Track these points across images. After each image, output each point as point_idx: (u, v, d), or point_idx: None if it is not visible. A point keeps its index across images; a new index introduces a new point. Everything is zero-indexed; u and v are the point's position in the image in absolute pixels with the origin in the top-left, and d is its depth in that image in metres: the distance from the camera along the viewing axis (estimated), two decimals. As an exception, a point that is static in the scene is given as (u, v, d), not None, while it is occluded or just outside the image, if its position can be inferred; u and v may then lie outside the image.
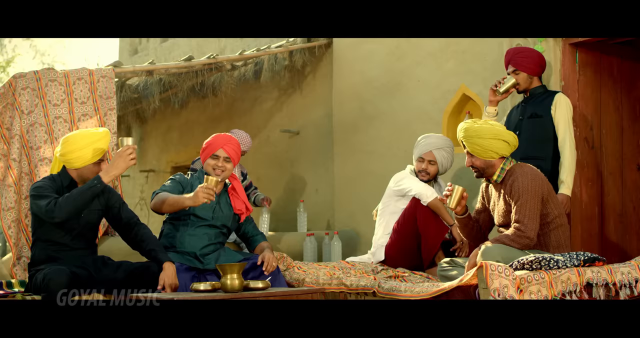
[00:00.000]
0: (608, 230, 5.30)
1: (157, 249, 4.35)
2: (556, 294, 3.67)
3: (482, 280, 3.54)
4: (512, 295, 3.51)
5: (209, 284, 4.00)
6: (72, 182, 4.30)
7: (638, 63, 5.58)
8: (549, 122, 4.90)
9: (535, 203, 4.07)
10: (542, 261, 3.75)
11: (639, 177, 5.52)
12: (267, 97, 8.01)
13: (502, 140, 4.23)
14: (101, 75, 5.72)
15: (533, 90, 5.07)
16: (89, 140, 4.26)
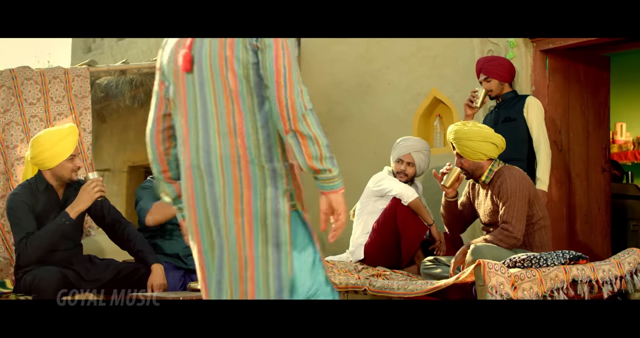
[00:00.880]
0: (575, 230, 5.53)
1: (145, 250, 4.37)
2: (546, 291, 3.84)
3: (479, 277, 3.68)
4: (507, 291, 3.66)
5: (205, 283, 4.05)
6: (48, 187, 4.28)
7: (602, 70, 5.83)
8: (522, 124, 5.10)
9: (523, 205, 4.25)
10: (533, 259, 3.93)
11: (603, 179, 5.77)
12: (231, 98, 8.01)
13: (490, 143, 4.40)
14: (76, 74, 5.70)
15: (504, 96, 5.25)
16: (56, 137, 4.27)
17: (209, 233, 2.51)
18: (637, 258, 4.29)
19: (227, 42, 2.49)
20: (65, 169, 4.25)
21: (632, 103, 8.14)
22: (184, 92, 2.53)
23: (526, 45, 5.56)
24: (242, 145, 2.46)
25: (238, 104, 2.47)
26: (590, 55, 5.73)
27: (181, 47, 2.58)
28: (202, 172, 2.49)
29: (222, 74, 2.47)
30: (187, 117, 2.53)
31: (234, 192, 2.46)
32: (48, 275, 3.92)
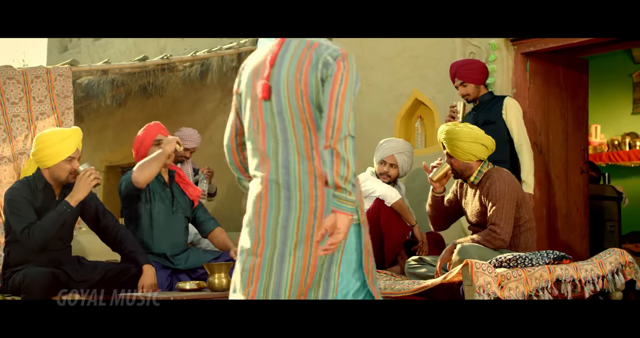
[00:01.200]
0: (555, 230, 5.61)
1: (136, 251, 4.38)
2: (531, 290, 3.91)
3: (467, 277, 3.73)
4: (494, 291, 3.72)
5: (194, 283, 4.07)
6: (47, 185, 4.28)
7: (581, 73, 5.92)
8: (502, 126, 5.15)
9: (511, 208, 4.31)
10: (519, 259, 3.99)
11: (582, 180, 5.86)
12: (210, 98, 8.04)
13: (481, 144, 4.46)
14: (58, 74, 5.68)
15: (482, 98, 5.31)
16: (57, 137, 4.27)
17: (273, 240, 2.72)
18: (618, 258, 4.37)
19: (302, 72, 2.73)
20: (62, 170, 4.25)
21: (607, 105, 8.28)
22: (262, 117, 2.78)
23: (507, 48, 5.64)
24: (318, 166, 2.72)
25: (314, 128, 2.73)
26: (569, 58, 5.82)
27: (260, 78, 2.80)
28: (280, 186, 2.73)
29: (298, 102, 2.73)
30: (265, 138, 2.77)
31: (309, 207, 2.71)
32: (39, 276, 3.91)
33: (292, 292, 2.77)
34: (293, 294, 2.78)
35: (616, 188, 7.09)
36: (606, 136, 8.39)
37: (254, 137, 2.81)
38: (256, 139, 2.80)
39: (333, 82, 2.71)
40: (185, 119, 8.15)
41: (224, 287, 3.97)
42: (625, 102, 8.43)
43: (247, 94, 2.85)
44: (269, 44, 2.92)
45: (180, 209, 4.81)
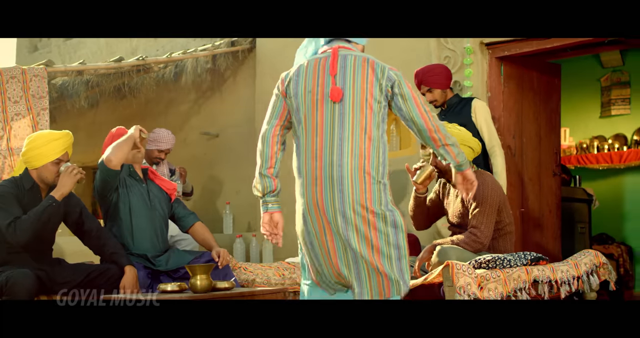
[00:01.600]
0: (528, 232, 5.70)
1: (118, 253, 4.37)
2: (510, 291, 3.98)
3: (447, 278, 3.79)
4: (474, 292, 3.78)
5: (175, 285, 4.07)
6: (34, 185, 4.26)
7: (553, 78, 6.02)
8: (472, 129, 5.15)
9: (492, 212, 4.37)
10: (497, 260, 4.06)
11: (554, 183, 5.96)
12: (184, 99, 8.03)
13: (467, 146, 4.52)
14: (33, 75, 5.65)
15: (449, 102, 5.36)
16: (46, 139, 4.27)
17: (337, 228, 3.20)
18: (593, 259, 4.47)
19: (368, 82, 3.24)
20: (49, 172, 4.23)
21: (576, 109, 8.41)
22: (322, 117, 3.24)
23: (482, 52, 5.72)
24: (367, 165, 3.19)
25: (370, 133, 3.21)
26: (542, 63, 5.92)
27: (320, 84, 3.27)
28: (335, 181, 3.19)
29: (362, 109, 3.20)
30: (323, 137, 3.23)
31: (360, 200, 3.17)
32: (23, 278, 3.88)
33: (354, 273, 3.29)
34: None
35: (587, 191, 7.22)
36: (575, 139, 8.52)
37: (308, 135, 3.26)
38: (309, 137, 3.25)
39: (413, 98, 3.27)
40: (158, 120, 8.12)
41: (206, 288, 3.97)
42: (594, 106, 8.57)
43: (303, 96, 3.28)
44: (313, 56, 3.42)
45: (158, 204, 4.79)
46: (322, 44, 3.49)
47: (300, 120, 3.29)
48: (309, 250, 3.36)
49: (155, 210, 4.77)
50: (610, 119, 8.45)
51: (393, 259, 3.26)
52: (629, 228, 8.09)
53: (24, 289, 3.86)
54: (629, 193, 8.19)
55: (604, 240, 7.78)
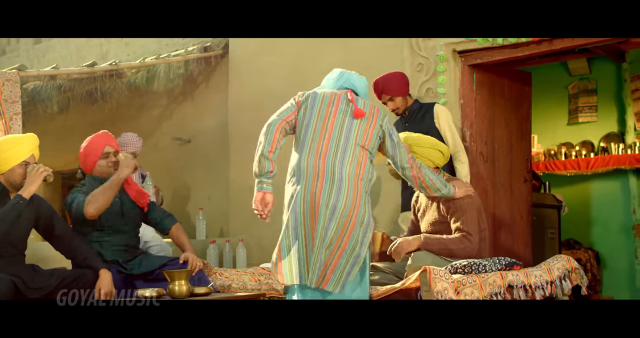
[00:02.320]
0: (499, 238, 5.77)
1: (91, 257, 4.38)
2: (485, 295, 4.03)
3: (425, 283, 3.83)
4: (451, 296, 3.83)
5: (154, 291, 4.06)
6: (3, 190, 4.28)
7: (524, 85, 6.12)
8: (436, 135, 5.19)
9: (476, 218, 4.44)
10: (473, 265, 4.12)
11: (525, 189, 6.05)
12: (155, 104, 8.01)
13: (438, 150, 4.58)
14: (6, 79, 5.62)
15: (410, 108, 5.40)
16: (11, 143, 4.33)
17: (324, 219, 3.79)
18: (565, 264, 4.54)
19: (374, 116, 4.05)
20: (16, 175, 4.27)
21: (543, 115, 8.52)
22: (332, 127, 3.96)
23: (455, 60, 5.79)
24: (361, 175, 3.92)
25: (366, 151, 3.99)
26: (513, 70, 6.01)
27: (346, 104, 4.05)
28: (335, 180, 3.84)
29: (365, 132, 4.00)
30: (330, 140, 3.92)
31: (352, 200, 3.84)
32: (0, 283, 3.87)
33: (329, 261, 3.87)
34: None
35: (556, 197, 7.32)
36: (543, 146, 8.63)
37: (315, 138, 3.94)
38: (317, 140, 3.93)
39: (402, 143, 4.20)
40: (130, 125, 8.09)
41: (184, 294, 3.98)
42: (561, 113, 8.68)
43: (319, 107, 4.01)
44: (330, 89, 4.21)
45: (131, 218, 4.79)
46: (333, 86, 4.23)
47: (310, 126, 3.96)
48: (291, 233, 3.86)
49: (127, 225, 4.75)
50: (578, 126, 8.57)
51: (351, 260, 3.81)
52: (596, 234, 8.20)
53: (2, 295, 3.84)
54: (595, 199, 8.31)
55: (572, 245, 7.89)
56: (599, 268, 7.90)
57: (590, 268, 7.67)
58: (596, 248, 8.06)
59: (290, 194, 3.92)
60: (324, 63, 6.60)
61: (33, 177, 4.20)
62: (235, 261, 6.35)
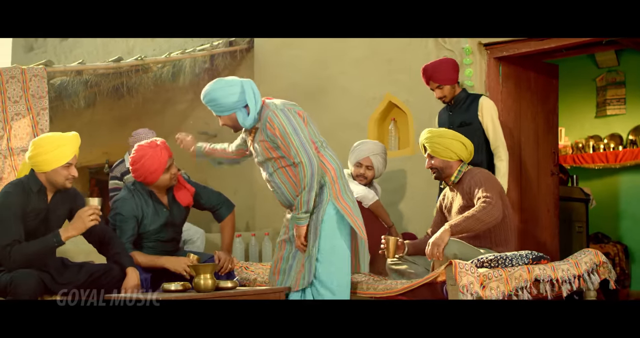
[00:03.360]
0: (527, 231, 5.73)
1: (121, 253, 4.35)
2: (511, 289, 4.00)
3: (451, 277, 3.82)
4: (477, 290, 3.81)
5: (179, 284, 4.07)
6: (42, 188, 4.19)
7: (551, 78, 6.07)
8: (478, 128, 5.18)
9: (497, 191, 4.38)
10: (499, 260, 4.10)
11: (552, 182, 6.00)
12: (181, 99, 8.04)
13: (460, 142, 4.56)
14: (33, 74, 5.66)
15: (457, 97, 5.29)
16: (57, 143, 4.15)
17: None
18: (593, 258, 4.49)
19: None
20: (59, 176, 4.15)
21: (571, 108, 8.45)
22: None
23: (480, 52, 5.75)
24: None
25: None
26: (540, 63, 5.96)
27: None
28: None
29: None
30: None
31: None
32: (27, 279, 3.85)
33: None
34: None
35: (584, 190, 7.26)
36: (570, 139, 8.56)
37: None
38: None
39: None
40: (156, 119, 8.14)
41: (210, 288, 3.98)
42: (589, 105, 8.61)
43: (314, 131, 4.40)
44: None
45: (177, 225, 4.75)
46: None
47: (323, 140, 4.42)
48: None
49: (175, 232, 4.73)
50: (606, 119, 8.49)
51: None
52: (625, 228, 8.13)
53: (28, 290, 3.85)
54: (624, 193, 8.23)
55: (600, 239, 7.82)
56: (627, 263, 7.83)
57: (619, 262, 7.59)
58: (625, 242, 7.98)
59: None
60: (348, 56, 6.60)
61: (80, 222, 4.08)
62: (261, 255, 6.36)
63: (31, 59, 10.08)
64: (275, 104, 4.33)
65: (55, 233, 4.06)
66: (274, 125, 4.20)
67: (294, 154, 4.17)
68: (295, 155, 4.17)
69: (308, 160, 4.17)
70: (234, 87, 4.30)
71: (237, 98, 4.29)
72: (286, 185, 4.36)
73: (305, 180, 4.17)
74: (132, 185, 4.64)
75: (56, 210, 4.28)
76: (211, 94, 4.31)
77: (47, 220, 4.23)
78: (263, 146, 4.32)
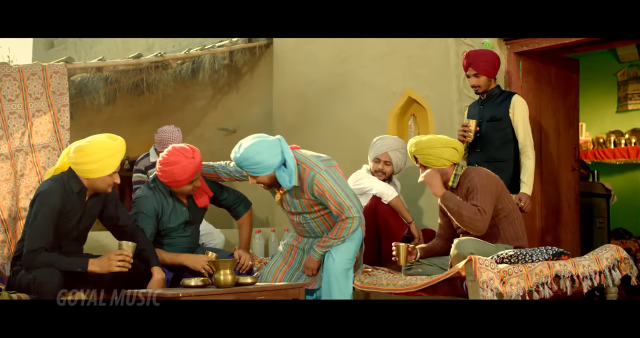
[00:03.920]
0: (547, 227, 5.71)
1: (147, 250, 4.35)
2: (532, 285, 3.99)
3: (470, 273, 3.81)
4: (497, 286, 3.80)
5: (199, 280, 4.09)
6: (82, 189, 4.17)
7: (572, 73, 6.03)
8: (508, 124, 5.16)
9: (491, 199, 4.38)
10: (519, 255, 4.08)
11: (573, 177, 5.96)
12: (201, 96, 8.06)
13: (452, 148, 4.55)
14: (54, 71, 5.68)
15: (490, 92, 5.26)
16: (105, 153, 4.11)
17: None
18: (614, 254, 4.47)
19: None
20: (103, 183, 4.15)
21: (592, 103, 8.40)
22: None
23: (500, 47, 5.72)
24: None
25: None
26: (561, 58, 5.92)
27: None
28: None
29: None
30: None
31: None
32: (51, 278, 3.86)
33: None
34: None
35: (605, 186, 7.21)
36: (591, 134, 8.51)
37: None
38: None
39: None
40: (175, 116, 8.17)
41: (229, 283, 4.00)
42: (610, 100, 8.56)
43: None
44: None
45: (196, 224, 4.80)
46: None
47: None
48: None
49: (193, 230, 4.77)
50: (627, 114, 8.44)
51: None
52: (646, 223, 8.09)
53: (51, 288, 3.84)
54: (646, 188, 8.20)
55: (621, 235, 7.76)
56: (649, 259, 7.77)
57: (641, 258, 7.54)
58: (646, 238, 7.93)
59: None
60: (368, 51, 6.59)
61: (106, 263, 4.03)
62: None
63: (52, 56, 10.14)
64: (316, 164, 4.40)
65: (84, 262, 4.04)
66: (323, 188, 4.31)
67: (346, 210, 4.32)
68: (346, 211, 4.32)
69: (358, 215, 4.36)
70: (275, 147, 4.32)
71: (280, 158, 4.32)
72: (321, 227, 4.60)
73: (347, 232, 4.37)
74: (152, 183, 4.65)
75: (91, 210, 4.29)
76: (255, 158, 4.27)
77: (80, 221, 4.25)
78: (307, 203, 4.47)
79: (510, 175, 5.06)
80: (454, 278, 3.99)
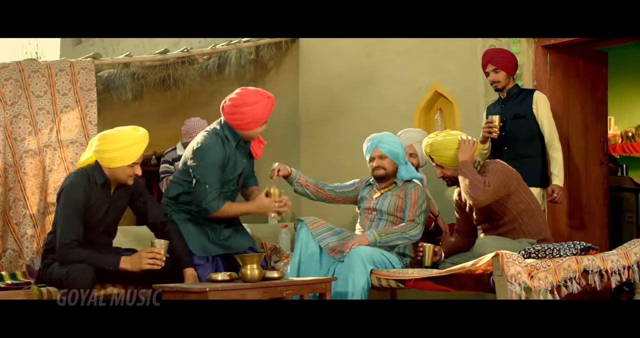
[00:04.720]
0: (575, 221, 5.66)
1: (179, 249, 4.38)
2: (560, 280, 3.96)
3: (498, 267, 3.78)
4: (524, 281, 3.77)
5: (226, 274, 4.11)
6: (107, 182, 4.21)
7: (600, 66, 5.97)
8: (532, 121, 5.18)
9: (500, 181, 4.35)
10: (547, 250, 4.05)
11: (601, 172, 5.91)
12: (227, 90, 7.99)
13: (455, 149, 4.52)
14: (81, 67, 5.72)
15: (510, 91, 5.31)
16: (127, 142, 4.14)
17: None
18: (643, 248, 4.42)
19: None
20: (123, 173, 4.18)
21: (620, 97, 8.32)
22: None
23: (528, 41, 5.69)
24: None
25: None
26: (589, 51, 5.86)
27: None
28: None
29: None
30: None
31: None
32: (83, 273, 3.89)
33: None
34: None
35: (634, 180, 7.14)
36: (620, 128, 8.43)
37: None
38: None
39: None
40: (202, 111, 8.17)
41: (256, 278, 4.01)
42: (639, 94, 8.47)
43: None
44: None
45: (248, 174, 4.83)
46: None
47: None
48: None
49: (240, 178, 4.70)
50: (656, 107, 8.36)
51: None
52: (676, 218, 7.98)
53: (84, 284, 3.88)
54: (676, 182, 8.08)
55: (651, 229, 7.69)
56: (678, 254, 7.67)
57: (670, 254, 7.45)
58: (676, 233, 7.84)
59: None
60: (394, 46, 6.57)
61: (137, 261, 4.05)
62: (307, 245, 6.36)
63: (79, 52, 10.22)
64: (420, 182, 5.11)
65: (116, 259, 4.07)
66: (417, 195, 4.83)
67: (416, 218, 4.73)
68: (417, 219, 4.74)
69: (422, 227, 4.76)
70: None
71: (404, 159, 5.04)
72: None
73: (407, 231, 4.69)
74: (221, 132, 4.55)
75: (118, 202, 4.33)
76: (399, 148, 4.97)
77: (108, 214, 4.29)
78: (394, 206, 4.86)
79: (540, 170, 5.08)
80: (481, 273, 3.96)
